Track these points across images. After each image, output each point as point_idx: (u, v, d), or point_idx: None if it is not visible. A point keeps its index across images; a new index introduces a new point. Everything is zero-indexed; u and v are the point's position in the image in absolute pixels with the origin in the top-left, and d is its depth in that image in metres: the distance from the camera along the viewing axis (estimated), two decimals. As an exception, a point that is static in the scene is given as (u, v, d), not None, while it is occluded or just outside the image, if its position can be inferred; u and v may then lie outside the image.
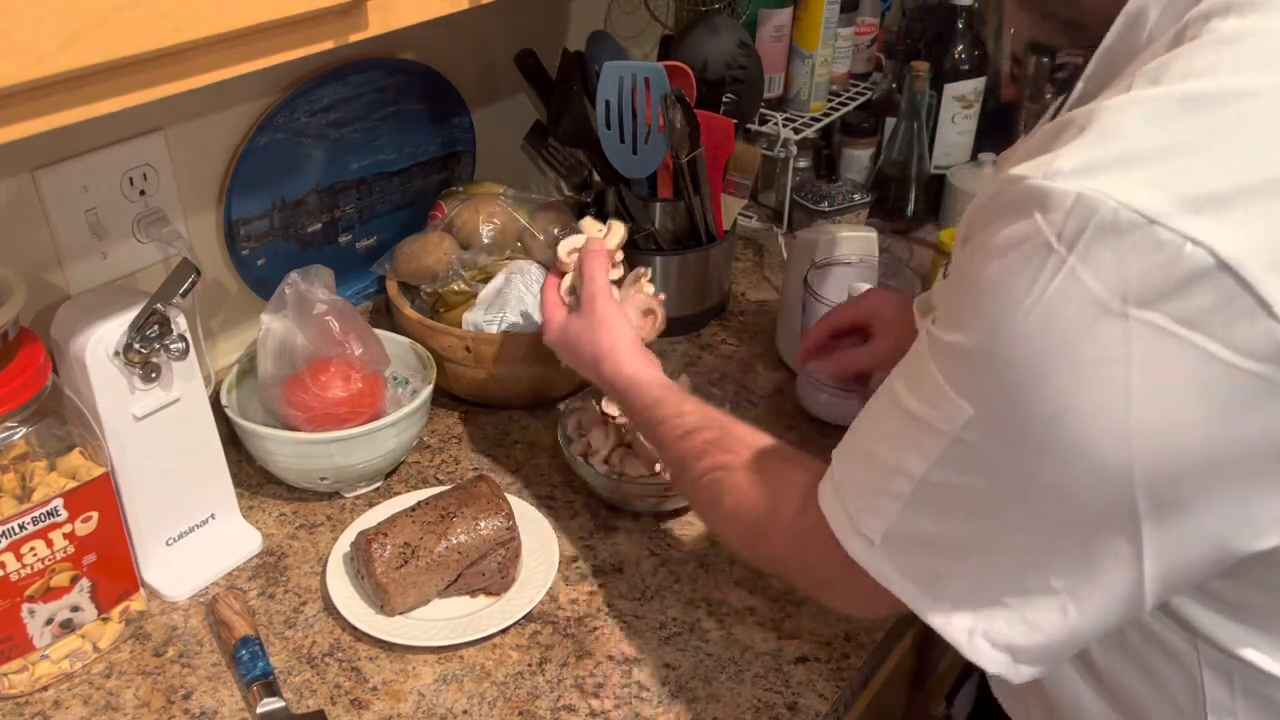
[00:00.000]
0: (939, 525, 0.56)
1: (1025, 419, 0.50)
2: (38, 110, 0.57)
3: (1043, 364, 0.49)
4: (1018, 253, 0.49)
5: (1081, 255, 0.47)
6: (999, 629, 0.56)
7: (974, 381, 0.52)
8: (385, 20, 0.73)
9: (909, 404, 0.57)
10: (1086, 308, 0.47)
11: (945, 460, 0.54)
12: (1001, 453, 0.52)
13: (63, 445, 0.79)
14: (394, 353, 1.05)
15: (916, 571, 0.58)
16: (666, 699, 0.82)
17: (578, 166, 1.31)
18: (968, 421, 0.52)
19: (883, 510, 0.58)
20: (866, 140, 1.51)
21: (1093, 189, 0.46)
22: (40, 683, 0.82)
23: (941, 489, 0.55)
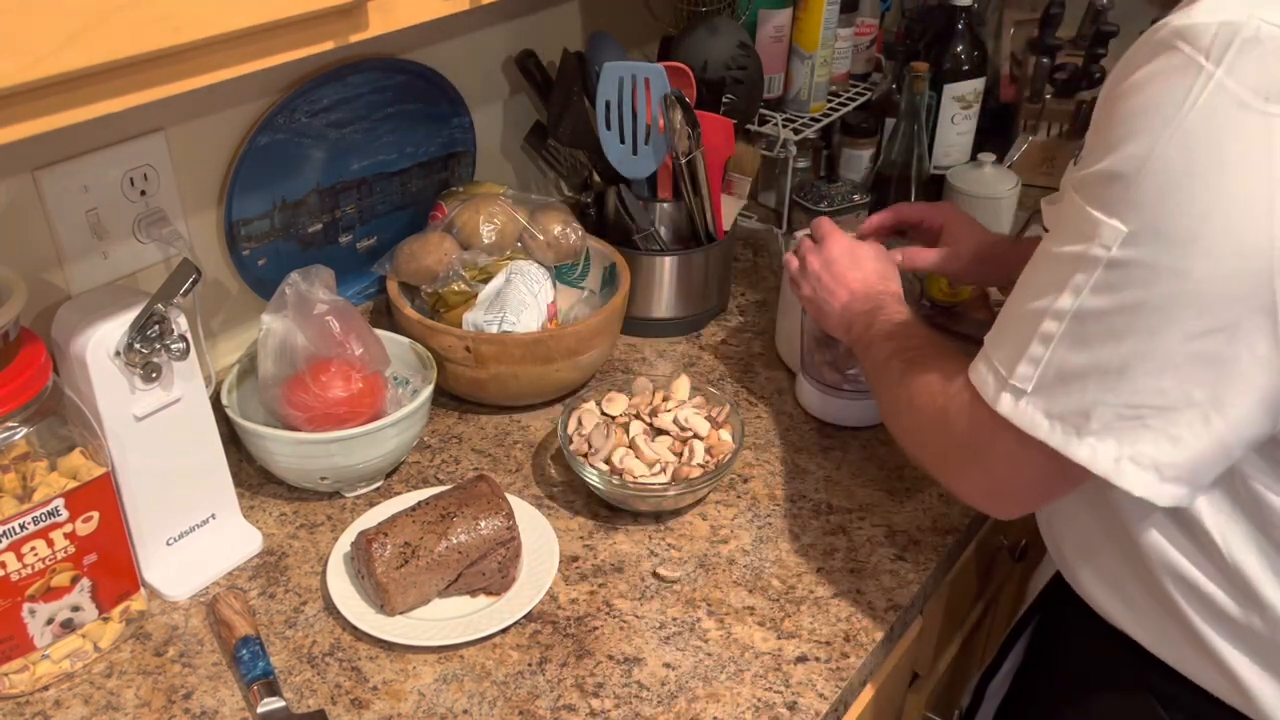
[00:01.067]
0: (1089, 355, 0.62)
1: (1180, 217, 0.57)
2: (38, 110, 0.57)
3: (1195, 164, 0.56)
4: (1166, 78, 0.56)
5: (1228, 68, 0.55)
6: (1144, 450, 0.61)
7: (1130, 196, 0.58)
8: (385, 20, 0.73)
9: (1059, 249, 0.63)
10: (1232, 110, 0.55)
11: (1100, 285, 0.60)
12: (1157, 256, 0.58)
13: (63, 445, 0.79)
14: (394, 353, 1.05)
15: (1064, 409, 0.63)
16: (666, 699, 0.82)
17: (578, 166, 1.31)
18: (1125, 238, 0.58)
19: (1034, 356, 0.64)
20: (866, 140, 1.51)
21: (1234, 14, 0.55)
22: (41, 682, 0.82)
23: (1094, 317, 0.61)
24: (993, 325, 0.71)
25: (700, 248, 1.24)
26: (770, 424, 1.12)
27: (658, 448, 1.00)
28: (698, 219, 1.22)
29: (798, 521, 1.00)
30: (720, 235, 1.25)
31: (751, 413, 1.14)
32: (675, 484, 0.96)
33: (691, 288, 1.25)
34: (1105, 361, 0.61)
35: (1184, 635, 0.74)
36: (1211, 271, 0.57)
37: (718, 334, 1.28)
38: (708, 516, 1.00)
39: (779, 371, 1.21)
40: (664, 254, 1.22)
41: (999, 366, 0.67)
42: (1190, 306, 0.58)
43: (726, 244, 1.27)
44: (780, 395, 1.17)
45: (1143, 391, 0.60)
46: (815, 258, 1.02)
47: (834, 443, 1.10)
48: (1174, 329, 0.58)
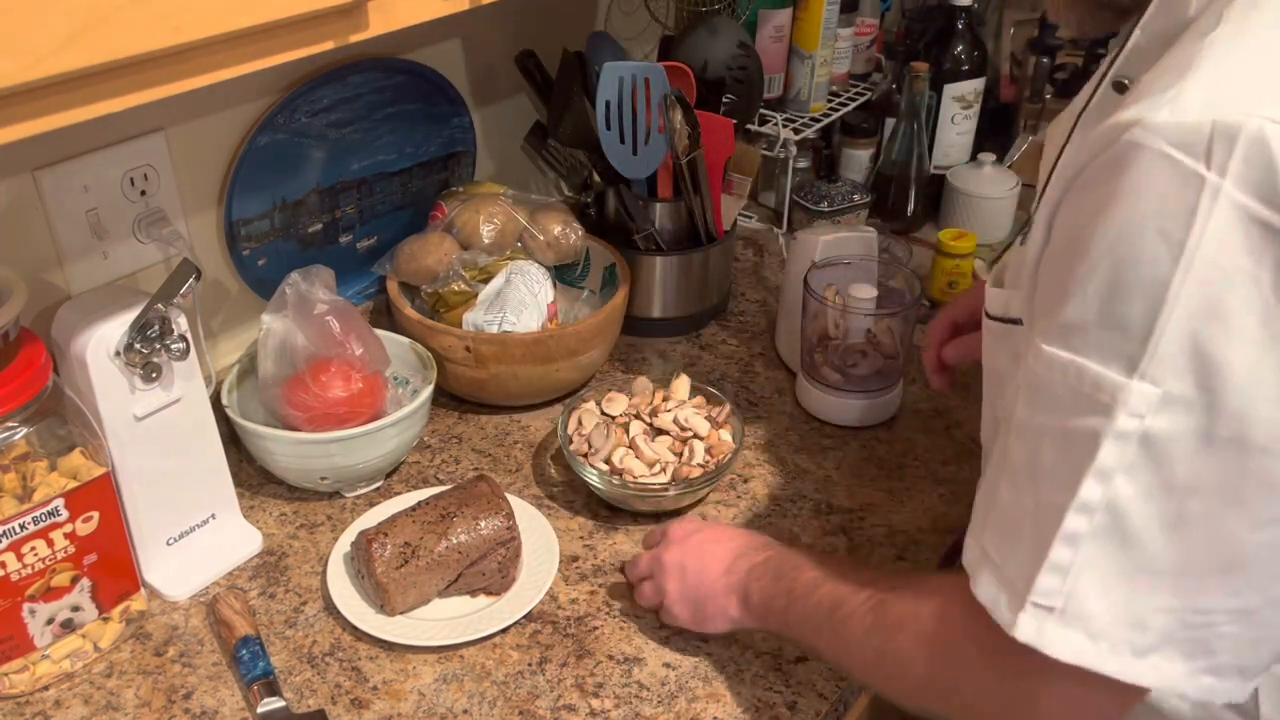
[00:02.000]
0: (1135, 556, 0.50)
1: (1224, 368, 0.46)
2: (38, 110, 0.57)
3: (1227, 300, 0.46)
4: (1160, 193, 0.46)
5: (1235, 179, 0.45)
6: (1224, 660, 0.50)
7: (1154, 350, 0.47)
8: (385, 20, 0.73)
9: (1060, 425, 0.51)
10: (1255, 231, 0.45)
11: (1137, 466, 0.48)
12: (1207, 420, 0.47)
13: (63, 445, 0.79)
14: (394, 353, 1.05)
15: (1109, 625, 0.51)
16: (666, 699, 0.82)
17: (578, 166, 1.31)
18: (1160, 402, 0.47)
19: (1059, 563, 0.51)
20: (866, 140, 1.51)
21: (1228, 112, 0.45)
22: (41, 682, 0.82)
23: (1135, 504, 0.49)
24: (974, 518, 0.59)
25: (700, 248, 1.24)
26: (770, 424, 1.12)
27: (658, 448, 1.00)
28: (698, 219, 1.22)
29: (798, 521, 1.00)
30: (720, 235, 1.25)
31: (751, 413, 1.14)
32: (675, 484, 0.96)
33: (691, 288, 1.25)
34: (1159, 562, 0.49)
35: None
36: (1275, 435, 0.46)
37: (718, 334, 1.28)
38: (708, 516, 1.00)
39: (779, 371, 1.21)
40: (664, 254, 1.22)
41: (1013, 578, 0.53)
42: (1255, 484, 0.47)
43: (726, 244, 1.27)
44: (780, 395, 1.17)
45: (1213, 593, 0.49)
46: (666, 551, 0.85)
47: (834, 443, 1.10)
48: (1241, 515, 0.48)
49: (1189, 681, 0.51)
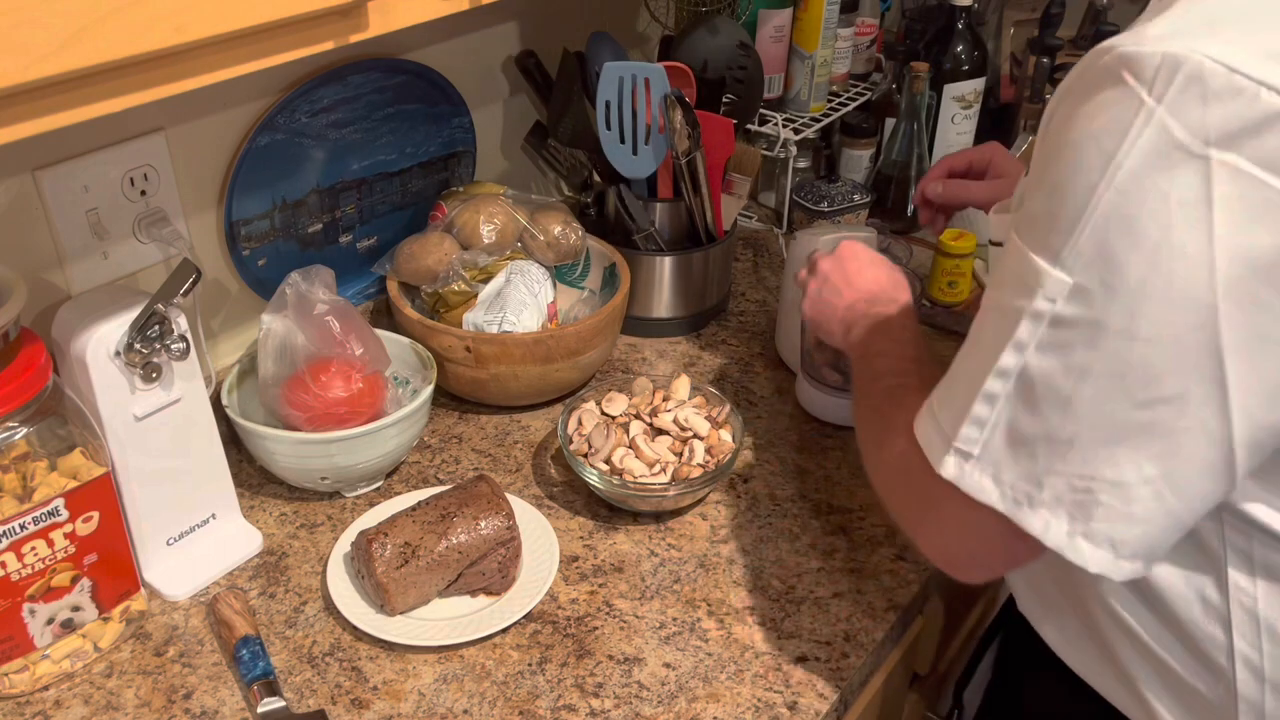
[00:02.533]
0: (1037, 421, 0.58)
1: (1123, 272, 0.53)
2: (38, 110, 0.57)
3: (1136, 212, 0.52)
4: (1109, 112, 0.53)
5: (1169, 106, 0.51)
6: (1099, 527, 0.58)
7: (1072, 245, 0.54)
8: (385, 21, 0.73)
9: (1002, 301, 0.58)
10: (1173, 153, 0.51)
11: (1045, 344, 0.56)
12: (1103, 314, 0.54)
13: (64, 445, 0.79)
14: (394, 353, 1.05)
15: (1014, 476, 0.59)
16: (666, 699, 0.82)
17: (578, 166, 1.31)
18: (1070, 291, 0.54)
19: (979, 417, 0.60)
20: (866, 140, 1.51)
21: (1180, 46, 0.51)
22: (41, 682, 0.82)
23: (1040, 379, 0.57)
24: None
25: (700, 248, 1.24)
26: (770, 424, 1.12)
27: (658, 448, 1.00)
28: (698, 219, 1.22)
29: (798, 521, 1.00)
30: (720, 235, 1.25)
31: (751, 413, 1.14)
32: (675, 484, 0.96)
33: (691, 288, 1.25)
34: (1054, 429, 0.57)
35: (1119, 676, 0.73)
36: (1158, 332, 0.53)
37: (718, 334, 1.28)
38: (708, 516, 1.00)
39: (779, 371, 1.21)
40: (664, 254, 1.22)
41: (944, 425, 0.63)
42: (1138, 372, 0.54)
43: (726, 244, 1.27)
44: (780, 395, 1.17)
45: (1095, 462, 0.56)
46: (826, 259, 0.98)
47: (834, 443, 1.10)
48: (1123, 397, 0.55)
49: (1068, 542, 0.58)
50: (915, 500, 0.69)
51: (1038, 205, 0.56)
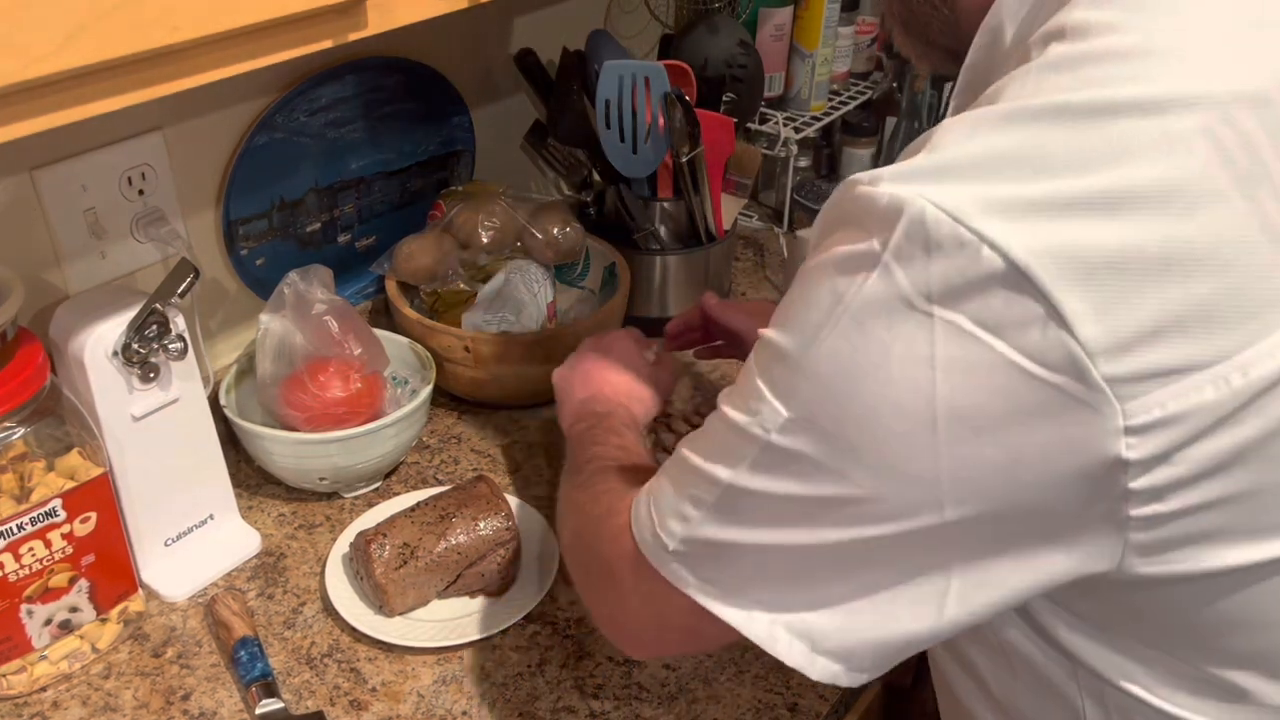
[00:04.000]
0: (738, 533, 0.56)
1: (838, 420, 0.50)
2: (36, 110, 0.57)
3: (856, 362, 0.49)
4: (844, 256, 0.49)
5: (895, 253, 0.47)
6: (800, 618, 0.56)
7: (791, 381, 0.52)
8: (384, 19, 0.73)
9: (729, 413, 0.56)
10: (896, 306, 0.47)
11: (756, 466, 0.54)
12: (815, 452, 0.51)
13: (61, 445, 0.79)
14: (393, 353, 1.05)
15: (713, 575, 0.58)
16: (666, 699, 0.82)
17: (578, 166, 1.31)
18: (783, 424, 0.52)
19: (685, 515, 0.58)
20: (867, 140, 1.50)
21: (907, 189, 0.47)
22: (39, 683, 0.82)
23: (746, 496, 0.55)
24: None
25: (700, 247, 1.23)
26: (770, 424, 1.12)
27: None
28: (698, 218, 1.22)
29: (798, 522, 0.99)
30: (720, 235, 1.25)
31: (751, 413, 1.14)
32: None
33: (691, 288, 1.25)
34: (758, 542, 0.55)
35: None
36: (875, 487, 0.50)
37: (718, 334, 1.27)
38: (708, 517, 1.00)
39: (779, 371, 1.21)
40: (664, 253, 1.22)
41: (653, 511, 0.61)
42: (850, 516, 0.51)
43: (727, 244, 1.26)
44: (780, 395, 1.16)
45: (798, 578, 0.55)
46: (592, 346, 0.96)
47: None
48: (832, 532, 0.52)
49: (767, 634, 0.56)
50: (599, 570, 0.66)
51: (773, 331, 0.54)
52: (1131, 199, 0.45)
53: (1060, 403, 0.45)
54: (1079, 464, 0.47)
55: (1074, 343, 0.44)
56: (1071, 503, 0.48)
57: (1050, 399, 0.45)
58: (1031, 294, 0.44)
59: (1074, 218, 0.45)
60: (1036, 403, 0.46)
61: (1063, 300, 0.44)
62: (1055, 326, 0.44)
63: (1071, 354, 0.44)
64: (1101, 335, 0.44)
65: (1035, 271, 0.44)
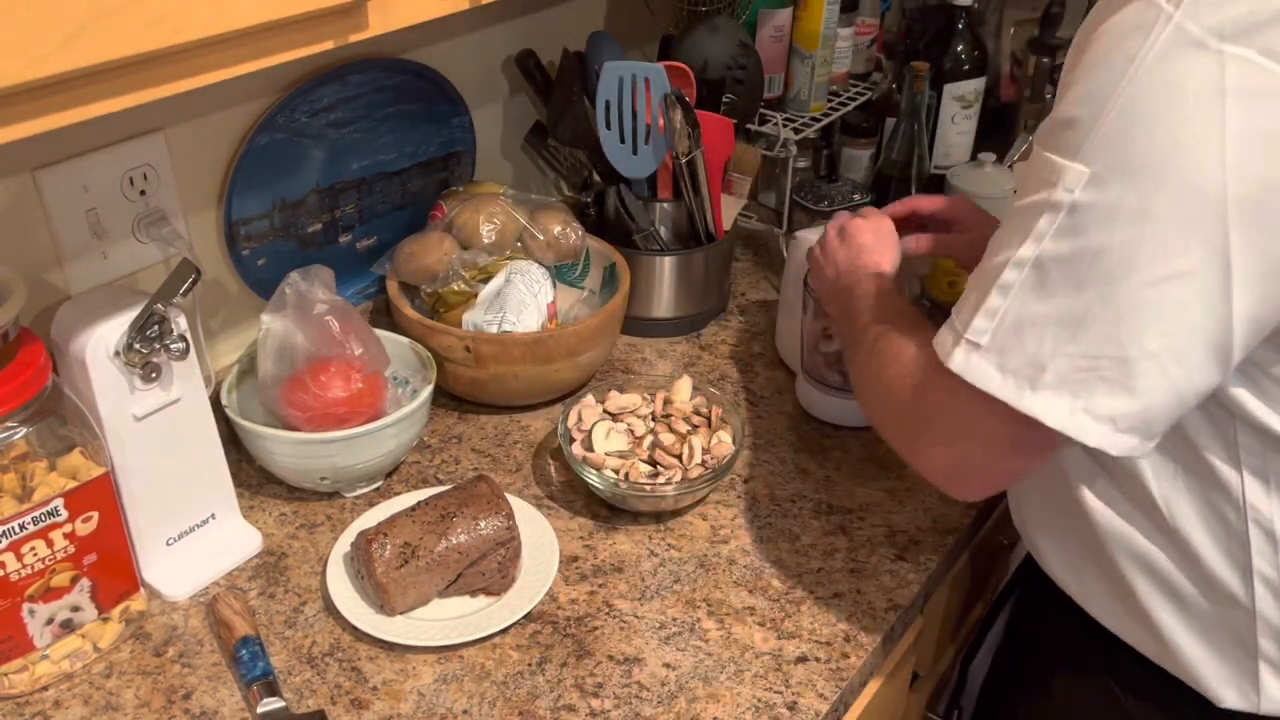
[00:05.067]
0: (1049, 303, 0.61)
1: (1139, 158, 0.57)
2: (38, 110, 0.57)
3: (1152, 104, 0.56)
4: (1130, 23, 0.58)
5: (1186, 9, 0.56)
6: (1100, 401, 0.61)
7: (1091, 139, 0.58)
8: (385, 20, 0.73)
9: (1021, 202, 0.62)
10: (1188, 49, 0.55)
11: (1062, 230, 0.60)
12: (1119, 198, 0.58)
13: (63, 445, 0.79)
14: (394, 353, 1.05)
15: (1018, 363, 0.62)
16: (666, 699, 0.82)
17: (578, 166, 1.31)
18: (1088, 180, 0.58)
19: (991, 308, 0.63)
20: (866, 140, 1.51)
21: None
22: (40, 683, 0.82)
23: (1055, 263, 0.60)
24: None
25: (700, 248, 1.24)
26: (770, 424, 1.12)
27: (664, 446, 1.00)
28: (698, 219, 1.22)
29: (798, 521, 1.00)
30: (720, 235, 1.25)
31: (751, 413, 1.14)
32: (675, 484, 0.96)
33: (691, 288, 1.25)
34: (1065, 310, 0.60)
35: (1135, 612, 0.76)
36: (1169, 212, 0.57)
37: (718, 334, 1.28)
38: (708, 516, 1.00)
39: (779, 371, 1.21)
40: (664, 254, 1.22)
41: (957, 324, 0.66)
42: (1150, 250, 0.58)
43: (726, 244, 1.27)
44: (780, 395, 1.17)
45: (1100, 341, 0.60)
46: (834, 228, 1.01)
47: (834, 443, 1.10)
48: (1134, 275, 0.58)
49: (1070, 419, 0.61)
50: (915, 414, 0.72)
51: (1061, 113, 0.61)
52: None
53: None
54: None
55: None
56: None
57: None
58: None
59: None
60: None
61: None
62: None
63: None
64: None
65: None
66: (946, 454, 0.71)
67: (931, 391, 0.70)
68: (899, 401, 0.74)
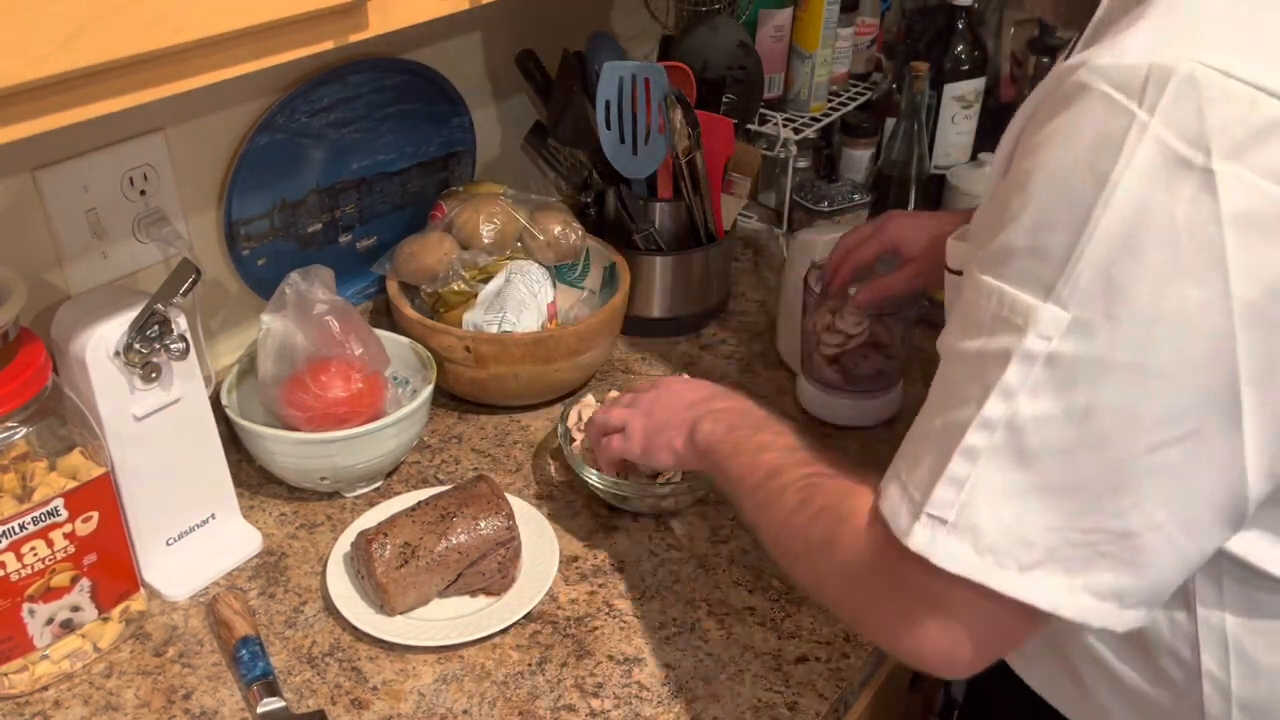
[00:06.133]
0: (1029, 474, 0.52)
1: (1131, 300, 0.48)
2: (38, 110, 0.57)
3: (1139, 234, 0.48)
4: (1094, 129, 0.49)
5: (1164, 117, 0.47)
6: (1103, 579, 0.52)
7: (1071, 278, 0.49)
8: (385, 20, 0.73)
9: (977, 347, 0.53)
10: (1175, 167, 0.47)
11: (1040, 386, 0.50)
12: (1109, 349, 0.49)
13: (63, 445, 0.79)
14: (394, 353, 1.05)
15: (996, 540, 0.52)
16: (666, 699, 0.82)
17: (578, 166, 1.31)
18: (1068, 326, 0.49)
19: (956, 476, 0.53)
20: (866, 140, 1.51)
21: (1167, 55, 0.47)
22: (40, 683, 0.82)
23: (1034, 426, 0.51)
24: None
25: (700, 248, 1.24)
26: (770, 424, 1.12)
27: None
28: (698, 219, 1.22)
29: (798, 521, 0.99)
30: (720, 235, 1.25)
31: (751, 413, 1.14)
32: (675, 484, 0.96)
33: (691, 288, 1.25)
34: (1051, 479, 0.51)
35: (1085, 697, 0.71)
36: (1171, 364, 0.48)
37: (718, 334, 1.28)
38: (708, 516, 1.00)
39: (779, 371, 1.21)
40: (664, 254, 1.22)
41: (911, 490, 0.56)
42: (1150, 410, 0.49)
43: (726, 244, 1.27)
44: (780, 395, 1.17)
45: (1097, 513, 0.51)
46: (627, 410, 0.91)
47: (834, 443, 1.10)
48: (1132, 439, 0.50)
49: (1068, 599, 0.52)
50: (884, 599, 0.59)
51: (1015, 239, 0.51)
52: None
53: None
54: None
55: None
56: None
57: None
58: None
59: None
60: None
61: None
62: None
63: None
64: None
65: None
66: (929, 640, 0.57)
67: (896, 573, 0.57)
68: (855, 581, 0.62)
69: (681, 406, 0.85)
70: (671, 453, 0.84)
